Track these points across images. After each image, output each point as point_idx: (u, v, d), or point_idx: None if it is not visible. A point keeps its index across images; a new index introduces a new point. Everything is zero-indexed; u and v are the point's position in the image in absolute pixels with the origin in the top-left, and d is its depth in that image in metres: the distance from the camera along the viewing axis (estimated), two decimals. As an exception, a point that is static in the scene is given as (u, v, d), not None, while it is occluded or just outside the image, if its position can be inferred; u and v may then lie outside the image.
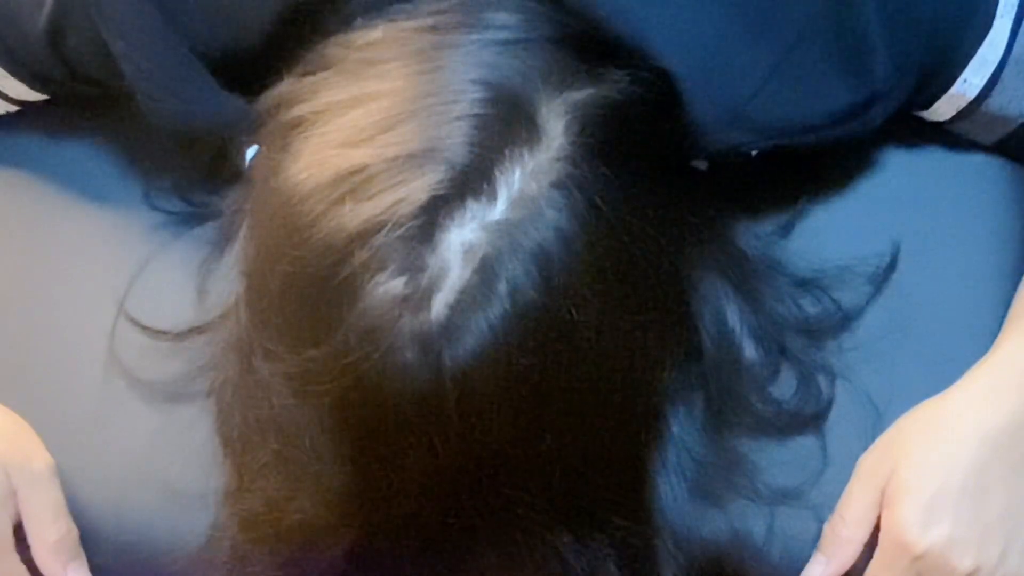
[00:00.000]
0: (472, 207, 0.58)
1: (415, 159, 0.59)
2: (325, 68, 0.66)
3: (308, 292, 0.60)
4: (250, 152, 0.70)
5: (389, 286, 0.57)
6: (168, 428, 0.76)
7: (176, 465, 0.75)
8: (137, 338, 0.77)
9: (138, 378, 0.76)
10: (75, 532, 0.74)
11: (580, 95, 0.62)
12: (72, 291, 0.80)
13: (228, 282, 0.72)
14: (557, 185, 0.59)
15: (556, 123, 0.60)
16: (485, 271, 0.57)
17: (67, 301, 0.80)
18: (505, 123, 0.60)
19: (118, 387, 0.77)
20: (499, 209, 0.58)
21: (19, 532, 0.73)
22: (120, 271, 0.79)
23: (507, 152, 0.59)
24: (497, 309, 0.57)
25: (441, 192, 0.58)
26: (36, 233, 0.82)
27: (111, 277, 0.80)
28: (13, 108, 0.83)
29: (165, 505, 0.75)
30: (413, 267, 0.57)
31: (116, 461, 0.76)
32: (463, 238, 0.57)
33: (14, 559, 0.72)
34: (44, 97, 0.81)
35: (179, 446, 0.75)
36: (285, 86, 0.67)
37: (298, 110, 0.64)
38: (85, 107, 0.82)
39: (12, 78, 0.79)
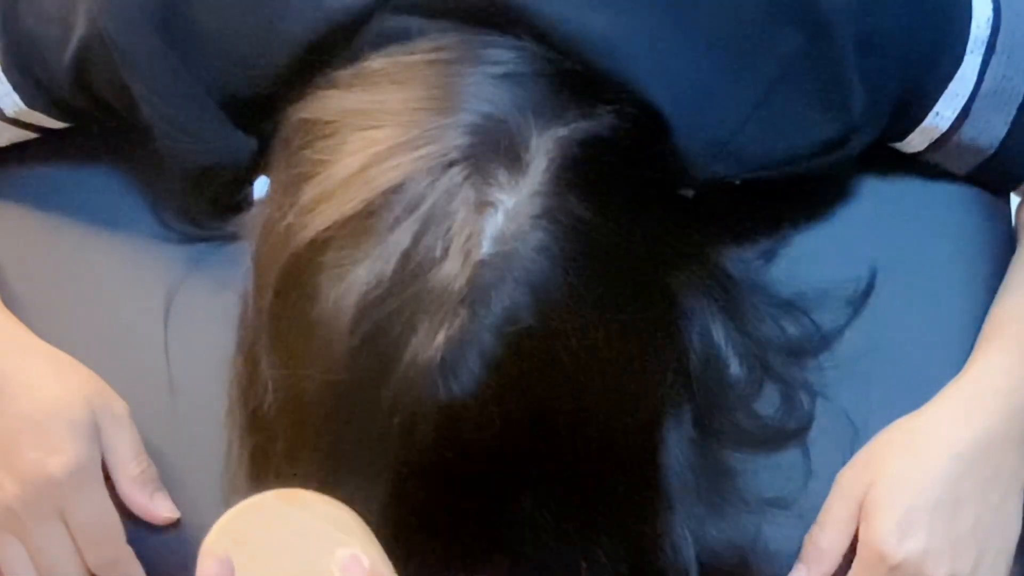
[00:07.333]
0: (459, 243, 0.58)
1: (404, 195, 0.59)
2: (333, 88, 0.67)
3: (305, 325, 0.61)
4: (258, 183, 0.71)
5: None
6: (179, 423, 0.78)
7: (185, 458, 0.77)
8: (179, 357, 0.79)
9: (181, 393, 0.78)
10: (155, 468, 0.76)
11: (569, 129, 0.63)
12: (96, 312, 0.81)
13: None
14: (541, 218, 0.60)
15: (542, 159, 0.61)
16: (477, 305, 0.58)
17: (94, 321, 0.81)
18: (493, 158, 0.60)
19: (154, 405, 0.78)
20: (486, 245, 0.58)
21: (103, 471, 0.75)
22: (144, 296, 0.81)
23: (494, 187, 0.60)
24: (492, 340, 0.58)
25: (428, 229, 0.59)
26: (61, 257, 0.83)
27: (135, 301, 0.81)
28: (31, 135, 0.82)
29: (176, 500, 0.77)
30: (406, 305, 0.58)
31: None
32: (453, 275, 0.58)
33: (103, 492, 0.74)
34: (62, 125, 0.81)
35: (190, 438, 0.77)
36: (293, 114, 0.67)
37: (300, 140, 0.65)
38: (103, 135, 0.82)
39: (34, 112, 0.78)
